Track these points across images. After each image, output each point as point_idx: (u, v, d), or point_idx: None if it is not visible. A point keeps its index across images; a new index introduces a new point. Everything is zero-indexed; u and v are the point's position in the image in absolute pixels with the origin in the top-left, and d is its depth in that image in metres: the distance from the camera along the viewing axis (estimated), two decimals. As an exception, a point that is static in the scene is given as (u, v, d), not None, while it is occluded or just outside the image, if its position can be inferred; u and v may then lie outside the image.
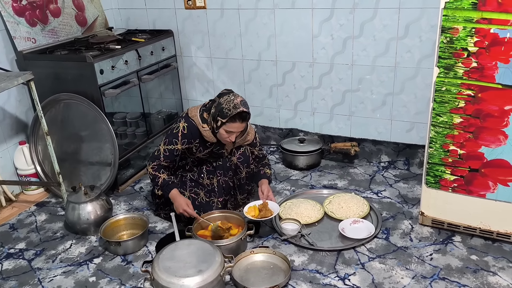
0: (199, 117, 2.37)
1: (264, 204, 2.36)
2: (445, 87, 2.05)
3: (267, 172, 2.55)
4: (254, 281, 2.03)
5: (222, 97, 2.30)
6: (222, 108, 2.25)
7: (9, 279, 2.18)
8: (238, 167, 2.44)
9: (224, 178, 2.45)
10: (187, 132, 2.36)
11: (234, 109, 2.22)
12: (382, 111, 3.02)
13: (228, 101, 2.25)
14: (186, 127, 2.36)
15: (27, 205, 2.84)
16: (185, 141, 2.37)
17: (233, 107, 2.23)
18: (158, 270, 1.85)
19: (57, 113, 2.83)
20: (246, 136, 2.45)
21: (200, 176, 2.47)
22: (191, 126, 2.36)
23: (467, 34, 1.92)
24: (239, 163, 2.43)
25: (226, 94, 2.32)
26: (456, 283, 1.98)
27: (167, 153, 2.38)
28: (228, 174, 2.45)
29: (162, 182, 2.38)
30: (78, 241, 2.45)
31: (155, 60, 3.19)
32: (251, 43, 3.22)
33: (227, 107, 2.24)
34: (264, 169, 2.56)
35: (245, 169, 2.47)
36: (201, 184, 2.46)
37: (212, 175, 2.46)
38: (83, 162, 2.88)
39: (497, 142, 2.03)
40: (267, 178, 2.52)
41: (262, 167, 2.56)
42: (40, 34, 2.91)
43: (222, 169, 2.44)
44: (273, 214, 2.32)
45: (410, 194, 2.72)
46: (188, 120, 2.38)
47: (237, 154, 2.44)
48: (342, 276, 2.06)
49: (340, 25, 2.90)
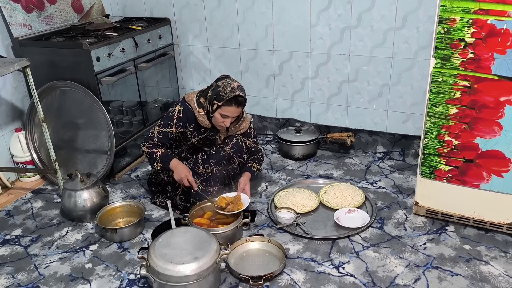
0: (195, 101, 2.37)
1: (237, 197, 2.34)
2: (442, 78, 2.06)
3: (253, 166, 2.53)
4: (249, 268, 2.05)
5: (220, 81, 2.30)
6: (219, 92, 2.25)
7: (5, 265, 2.19)
8: (232, 157, 2.44)
9: (218, 167, 2.46)
10: (182, 116, 2.37)
11: (231, 93, 2.23)
12: (378, 101, 3.03)
13: (225, 85, 2.26)
14: (182, 110, 2.37)
15: (23, 192, 2.85)
16: (180, 124, 2.38)
17: (229, 91, 2.23)
18: (154, 257, 1.86)
19: (53, 101, 2.82)
20: (240, 124, 2.45)
21: (196, 165, 2.48)
22: (187, 110, 2.37)
23: (464, 24, 1.93)
24: (232, 152, 2.43)
25: (223, 78, 2.32)
26: (449, 272, 2.00)
27: (161, 135, 2.39)
28: (222, 163, 2.45)
29: (161, 155, 2.37)
30: (74, 228, 2.46)
31: (152, 48, 3.17)
32: (249, 32, 3.21)
33: (223, 90, 2.24)
34: (252, 163, 2.54)
35: (238, 159, 2.47)
36: (197, 173, 2.47)
37: (207, 164, 2.46)
38: (79, 150, 2.88)
39: (492, 133, 2.05)
40: (251, 171, 2.51)
41: (252, 161, 2.55)
42: (36, 21, 2.89)
43: (215, 158, 2.45)
44: (241, 209, 2.28)
45: (405, 184, 2.74)
46: (184, 104, 2.38)
47: (230, 144, 2.43)
48: (337, 264, 2.08)
49: (338, 15, 2.89)
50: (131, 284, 2.02)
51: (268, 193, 2.70)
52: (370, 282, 1.97)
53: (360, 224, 2.31)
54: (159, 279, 1.84)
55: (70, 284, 2.04)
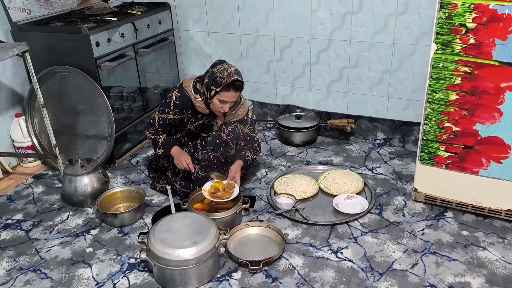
0: (192, 87, 2.37)
1: (230, 184, 2.34)
2: (442, 64, 2.05)
3: (247, 155, 2.49)
4: (248, 253, 2.07)
5: (216, 67, 2.29)
6: (216, 77, 2.25)
7: (7, 249, 2.21)
8: (228, 144, 2.44)
9: (215, 154, 2.45)
10: (179, 102, 2.37)
11: (228, 78, 2.22)
12: (379, 88, 3.01)
13: (222, 70, 2.25)
14: (178, 97, 2.37)
15: (24, 177, 2.86)
16: (177, 111, 2.38)
17: (227, 76, 2.22)
18: (154, 241, 1.88)
19: (53, 86, 2.82)
20: (238, 110, 2.44)
21: (196, 151, 2.48)
22: (184, 96, 2.37)
23: (466, 9, 1.91)
24: (228, 139, 2.41)
25: (219, 64, 2.31)
26: (446, 257, 2.02)
27: (161, 121, 2.42)
28: (218, 149, 2.45)
29: (163, 141, 2.44)
30: (75, 213, 2.48)
31: (152, 33, 3.16)
32: (249, 18, 3.19)
33: (221, 75, 2.23)
34: (247, 151, 2.50)
35: (235, 146, 2.46)
36: (197, 159, 2.47)
37: (206, 150, 2.46)
38: (79, 135, 2.88)
39: (492, 119, 2.04)
40: (244, 160, 2.47)
41: (247, 150, 2.51)
42: (35, 5, 2.87)
43: (212, 145, 2.44)
44: (227, 199, 2.27)
45: (405, 171, 2.74)
46: (181, 90, 2.38)
47: (226, 131, 2.41)
48: (335, 250, 2.10)
49: (339, 0, 2.87)
50: (131, 268, 2.04)
51: (267, 179, 2.71)
52: (368, 267, 1.99)
53: (359, 210, 2.32)
54: (158, 263, 1.86)
55: (71, 268, 2.06)
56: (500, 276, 1.91)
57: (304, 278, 1.94)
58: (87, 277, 2.01)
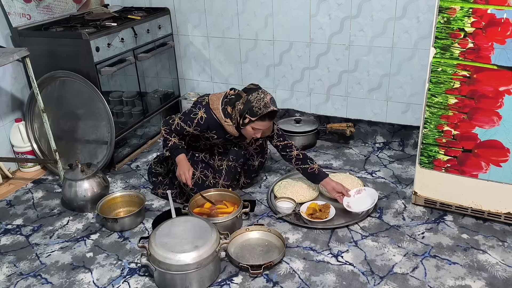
0: (221, 111, 2.31)
1: (326, 205, 2.36)
2: (441, 68, 2.06)
3: (314, 167, 2.39)
4: (249, 257, 2.07)
5: (252, 94, 2.23)
6: (252, 107, 2.19)
7: (7, 254, 2.21)
8: (252, 156, 2.45)
9: (234, 163, 2.45)
10: (203, 123, 2.32)
11: (265, 108, 2.17)
12: (378, 92, 3.03)
13: (259, 100, 2.19)
14: (204, 118, 2.32)
15: (24, 182, 2.86)
16: (198, 129, 2.35)
17: (263, 106, 2.18)
18: (155, 246, 1.88)
19: (53, 91, 2.82)
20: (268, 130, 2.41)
21: (212, 157, 2.47)
22: (210, 119, 2.32)
23: (464, 14, 1.92)
24: (254, 153, 2.44)
25: (254, 90, 2.26)
26: (447, 261, 2.02)
27: (178, 128, 2.38)
28: (239, 160, 2.45)
29: (172, 145, 2.39)
30: (75, 217, 2.48)
31: (151, 38, 3.17)
32: (248, 22, 3.20)
33: (257, 105, 2.18)
34: (311, 165, 2.39)
35: (259, 159, 2.50)
36: (211, 166, 2.46)
37: (223, 157, 2.45)
38: (79, 140, 2.89)
39: (491, 123, 2.05)
40: (324, 174, 2.40)
41: (304, 164, 2.39)
42: (35, 10, 2.88)
43: (235, 155, 2.43)
44: (326, 219, 2.28)
45: (404, 174, 2.75)
46: (208, 112, 2.32)
47: (254, 145, 2.43)
48: (335, 253, 2.10)
49: (338, 5, 2.88)
50: (132, 273, 2.04)
51: (267, 183, 2.71)
52: (369, 270, 1.99)
53: (370, 203, 2.33)
54: (159, 267, 1.86)
55: (71, 273, 2.06)
56: (500, 279, 1.91)
57: (304, 282, 1.94)
58: (88, 282, 2.00)
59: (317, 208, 2.35)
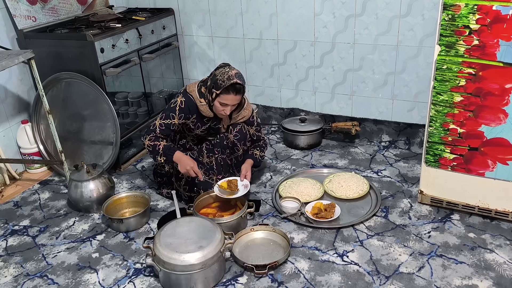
0: (197, 92, 2.38)
1: (331, 205, 2.35)
2: (446, 65, 2.04)
3: (255, 153, 2.54)
4: (254, 257, 2.07)
5: (218, 70, 2.32)
6: (217, 80, 2.26)
7: (14, 255, 2.22)
8: (235, 145, 2.45)
9: (222, 156, 2.47)
10: (184, 106, 2.37)
11: (228, 81, 2.24)
12: (383, 90, 3.01)
13: (223, 73, 2.27)
14: (183, 101, 2.38)
15: (30, 183, 2.88)
16: (182, 115, 2.38)
17: (227, 79, 2.24)
18: (160, 246, 1.88)
19: (58, 92, 2.84)
20: (242, 111, 2.46)
21: (200, 155, 2.48)
22: (189, 101, 2.38)
23: (469, 11, 1.90)
24: (235, 140, 2.44)
25: (222, 67, 2.33)
26: (453, 260, 2.01)
27: (163, 127, 2.38)
28: (225, 151, 2.47)
29: (164, 148, 2.36)
30: (81, 218, 2.49)
31: (156, 39, 3.17)
32: (252, 22, 3.20)
33: (221, 78, 2.25)
34: (254, 150, 2.56)
35: (242, 147, 2.48)
36: (201, 163, 2.48)
37: (211, 153, 2.47)
38: (85, 141, 2.90)
39: (497, 120, 2.03)
40: (253, 158, 2.52)
41: (253, 148, 2.57)
42: (40, 12, 2.90)
43: (219, 146, 2.46)
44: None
45: (410, 173, 2.73)
46: (186, 95, 2.39)
47: (233, 132, 2.44)
48: (341, 253, 2.09)
49: (342, 3, 2.87)
50: (137, 273, 2.04)
51: (272, 182, 2.71)
52: (374, 270, 1.98)
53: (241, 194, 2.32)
54: (164, 268, 1.86)
55: (77, 273, 2.07)
56: (508, 278, 1.89)
57: (310, 282, 1.93)
58: (94, 282, 2.01)
59: (322, 207, 2.34)
